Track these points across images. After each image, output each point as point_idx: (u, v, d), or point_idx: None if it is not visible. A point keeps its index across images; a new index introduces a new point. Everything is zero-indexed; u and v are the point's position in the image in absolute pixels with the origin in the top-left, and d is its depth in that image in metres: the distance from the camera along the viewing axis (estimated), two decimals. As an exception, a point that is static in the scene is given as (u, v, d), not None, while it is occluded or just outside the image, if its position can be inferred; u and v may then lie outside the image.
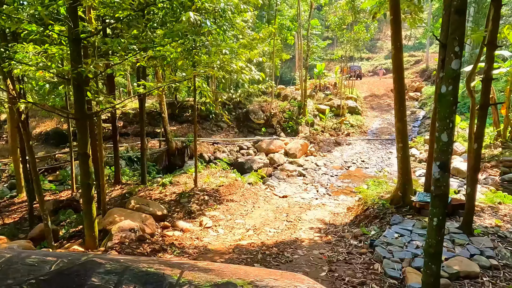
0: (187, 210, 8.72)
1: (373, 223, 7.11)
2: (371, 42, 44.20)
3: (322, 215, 8.98)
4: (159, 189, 10.26)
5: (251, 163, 15.24)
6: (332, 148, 17.77)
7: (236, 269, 2.14)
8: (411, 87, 28.86)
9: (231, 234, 7.18)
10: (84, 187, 5.33)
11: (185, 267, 2.05)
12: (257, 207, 9.41)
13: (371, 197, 8.20)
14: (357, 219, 7.83)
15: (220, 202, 9.48)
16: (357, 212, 8.43)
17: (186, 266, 2.13)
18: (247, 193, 10.55)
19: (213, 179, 11.08)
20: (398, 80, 7.29)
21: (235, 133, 20.07)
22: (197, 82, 10.61)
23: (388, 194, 8.22)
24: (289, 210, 9.26)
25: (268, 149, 17.10)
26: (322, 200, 10.89)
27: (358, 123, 21.00)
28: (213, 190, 10.08)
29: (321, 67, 26.45)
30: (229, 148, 18.18)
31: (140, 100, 11.85)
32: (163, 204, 9.18)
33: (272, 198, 10.70)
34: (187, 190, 9.99)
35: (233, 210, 8.97)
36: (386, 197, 8.07)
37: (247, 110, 20.31)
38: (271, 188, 11.99)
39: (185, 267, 2.05)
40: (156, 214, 7.91)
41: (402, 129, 7.41)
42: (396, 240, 5.87)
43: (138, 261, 2.16)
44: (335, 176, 14.09)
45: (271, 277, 1.93)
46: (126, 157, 17.20)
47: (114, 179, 12.34)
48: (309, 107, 20.94)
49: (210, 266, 2.27)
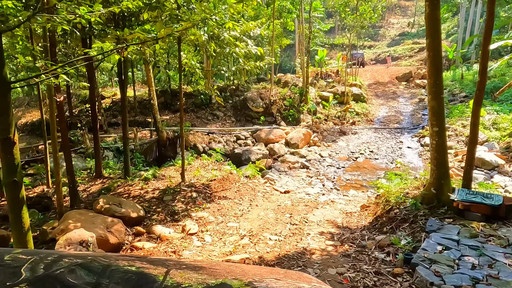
0: (170, 211, 7.10)
1: (401, 229, 5.50)
2: (373, 29, 42.28)
3: (333, 215, 7.37)
4: (140, 184, 8.64)
5: (249, 154, 13.61)
6: (337, 138, 16.12)
7: (231, 267, 1.83)
8: (417, 74, 27.11)
9: (220, 244, 5.56)
10: (9, 186, 3.73)
11: (171, 265, 1.69)
12: (254, 206, 7.79)
13: (394, 194, 6.57)
14: (378, 222, 6.22)
15: (210, 199, 7.86)
16: (375, 212, 6.82)
17: (172, 264, 1.75)
18: (243, 189, 8.93)
19: (204, 172, 9.45)
20: (434, 47, 5.60)
21: (232, 122, 18.39)
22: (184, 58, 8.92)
23: (415, 190, 6.59)
24: (293, 209, 7.64)
25: (267, 138, 15.45)
26: (330, 196, 9.28)
27: (364, 111, 19.31)
28: (203, 186, 8.45)
29: (322, 54, 24.64)
30: (226, 138, 16.54)
31: (120, 84, 10.16)
32: (142, 202, 7.57)
33: (273, 194, 9.08)
34: (173, 186, 8.37)
35: (226, 210, 7.35)
36: (413, 194, 6.45)
37: (245, 97, 18.60)
38: (271, 182, 10.37)
39: (170, 265, 1.69)
40: (130, 217, 6.29)
41: (438, 109, 5.74)
42: (441, 256, 4.25)
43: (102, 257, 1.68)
44: (342, 168, 12.47)
45: (272, 277, 1.69)
46: (114, 148, 15.57)
47: (95, 173, 10.72)
48: (311, 95, 19.23)
49: (200, 263, 1.88)
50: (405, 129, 16.97)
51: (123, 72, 9.91)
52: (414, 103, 21.25)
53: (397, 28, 42.89)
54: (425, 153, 13.31)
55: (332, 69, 27.60)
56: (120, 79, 10.18)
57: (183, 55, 9.13)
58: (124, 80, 9.93)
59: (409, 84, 25.97)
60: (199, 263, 1.97)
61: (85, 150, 14.66)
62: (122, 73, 9.95)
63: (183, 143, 8.69)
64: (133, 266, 1.61)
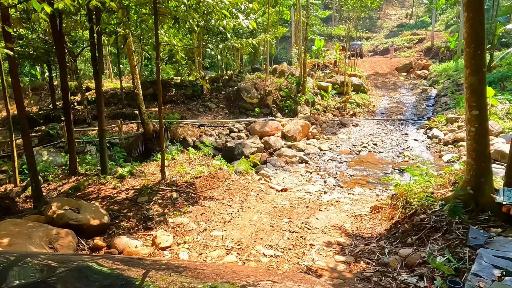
0: (143, 216, 5.78)
1: (433, 240, 4.22)
2: (371, 21, 40.90)
3: (339, 218, 6.09)
4: (114, 182, 7.29)
5: (242, 148, 12.29)
6: (337, 130, 14.83)
7: (220, 268, 1.66)
8: (418, 65, 25.85)
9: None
10: None
11: (148, 266, 1.50)
12: (246, 208, 6.48)
13: (416, 195, 5.29)
14: (398, 229, 4.94)
15: (194, 201, 6.54)
16: (391, 215, 5.54)
17: (149, 264, 1.57)
18: (234, 187, 7.62)
19: (190, 168, 8.11)
20: (476, 4, 4.27)
21: (225, 114, 17.03)
22: (162, 34, 7.55)
23: (441, 189, 5.31)
24: (292, 211, 6.34)
25: (262, 131, 14.13)
26: (334, 195, 8.00)
27: (365, 102, 18.02)
28: (187, 184, 7.13)
29: (320, 44, 23.25)
30: (218, 131, 15.20)
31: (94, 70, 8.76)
32: (112, 205, 6.24)
33: (268, 192, 7.78)
34: (151, 184, 7.04)
35: (211, 214, 6.04)
36: (440, 194, 5.17)
37: (238, 87, 17.22)
38: (266, 178, 9.07)
39: (148, 266, 1.50)
40: (89, 225, 4.96)
41: (479, 87, 4.44)
42: (504, 287, 2.97)
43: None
44: (344, 162, 11.19)
45: (269, 279, 1.46)
46: (97, 143, 14.17)
47: (69, 169, 9.36)
48: (309, 85, 17.89)
49: (182, 263, 1.72)
50: (409, 120, 15.72)
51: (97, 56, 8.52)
52: (417, 93, 19.99)
53: (395, 19, 41.51)
54: (434, 145, 12.07)
55: (330, 60, 26.24)
56: (93, 63, 8.80)
57: (162, 32, 7.75)
58: (97, 63, 8.53)
59: (410, 75, 24.71)
60: (181, 263, 1.78)
61: (64, 145, 13.31)
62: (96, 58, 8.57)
63: (162, 135, 7.34)
64: (105, 267, 1.34)
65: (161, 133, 7.31)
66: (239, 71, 19.45)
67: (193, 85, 18.51)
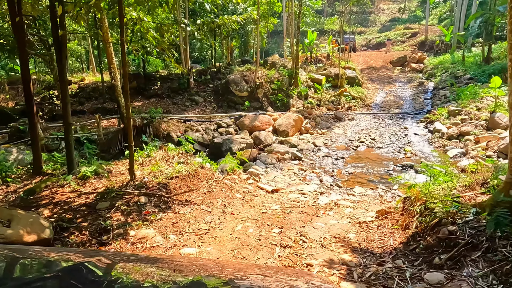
0: (99, 227, 4.59)
1: (470, 261, 3.12)
2: (363, 15, 39.93)
3: (341, 226, 4.99)
4: (73, 184, 6.08)
5: (230, 143, 11.13)
6: (332, 124, 13.75)
7: (201, 261, 1.66)
8: (413, 58, 24.93)
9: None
10: None
11: (118, 258, 1.36)
12: (229, 215, 5.33)
13: (437, 199, 4.20)
14: (418, 243, 3.85)
15: (166, 206, 5.37)
16: (406, 223, 4.45)
17: (124, 257, 1.43)
18: (216, 188, 6.46)
19: (165, 166, 6.93)
20: None
21: (212, 109, 15.82)
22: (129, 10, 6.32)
23: (470, 191, 4.23)
24: (284, 218, 5.22)
25: (252, 126, 12.98)
26: (332, 196, 6.90)
27: (360, 95, 16.97)
28: (159, 186, 5.95)
29: (312, 37, 22.12)
30: (205, 126, 14.01)
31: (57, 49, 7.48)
32: (65, 213, 5.04)
33: (256, 194, 6.65)
34: (116, 187, 5.85)
35: (185, 223, 4.88)
36: (468, 198, 4.09)
37: (227, 80, 16.01)
38: (254, 177, 7.94)
39: (117, 258, 1.35)
40: (22, 242, 3.77)
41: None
42: None
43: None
44: (341, 159, 10.11)
45: (259, 272, 1.36)
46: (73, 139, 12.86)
47: (34, 169, 8.10)
48: (301, 77, 16.76)
49: (156, 256, 1.72)
50: (407, 114, 14.71)
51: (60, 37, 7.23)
52: (413, 87, 19.02)
53: (388, 14, 40.59)
54: (437, 140, 11.07)
55: (323, 54, 25.16)
56: (55, 45, 7.50)
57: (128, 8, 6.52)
58: (61, 46, 7.25)
59: (405, 69, 23.78)
60: (156, 256, 1.77)
61: (37, 141, 12.00)
62: (58, 37, 7.28)
63: (130, 127, 6.13)
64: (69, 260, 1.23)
65: (129, 125, 6.11)
66: (228, 63, 18.25)
67: (179, 78, 17.27)
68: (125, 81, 5.94)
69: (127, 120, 6.12)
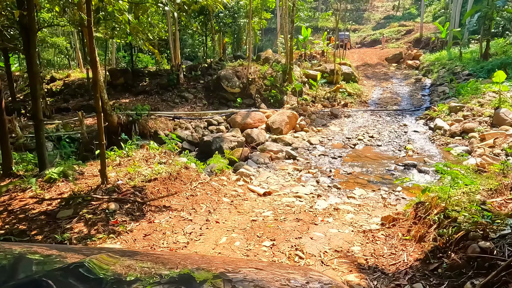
0: (55, 241, 3.80)
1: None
2: (357, 13, 39.32)
3: (343, 237, 4.25)
4: (35, 188, 5.26)
5: (221, 142, 10.38)
6: (328, 122, 13.04)
7: (184, 255, 1.48)
8: (408, 55, 24.35)
9: None
10: None
11: (95, 252, 1.28)
12: (213, 223, 4.57)
13: (459, 206, 3.48)
14: (440, 261, 3.12)
15: (139, 214, 4.58)
16: (420, 234, 3.73)
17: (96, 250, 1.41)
18: (201, 192, 5.69)
19: (145, 167, 6.13)
20: None
21: (203, 106, 15.03)
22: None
23: (499, 197, 3.52)
24: (277, 227, 4.47)
25: (244, 123, 12.23)
26: (330, 199, 6.18)
27: (357, 92, 16.29)
28: (134, 190, 5.16)
29: (306, 33, 21.37)
30: (195, 124, 13.23)
31: (25, 41, 6.66)
32: (19, 223, 4.25)
33: (246, 198, 5.89)
34: (85, 191, 5.05)
35: (160, 235, 4.10)
36: (497, 205, 3.37)
37: (218, 76, 15.22)
38: (245, 179, 7.18)
39: (95, 252, 1.28)
40: None
41: None
42: None
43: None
44: (338, 158, 9.39)
45: (252, 265, 1.30)
46: (54, 138, 12.09)
47: (3, 170, 7.24)
48: (296, 73, 16.02)
49: (137, 251, 1.50)
50: (406, 111, 14.05)
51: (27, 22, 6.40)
52: (410, 83, 18.40)
53: (382, 11, 40.03)
54: (439, 137, 10.41)
55: (317, 50, 24.47)
56: (22, 29, 6.67)
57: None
58: (29, 27, 6.41)
59: (400, 65, 23.19)
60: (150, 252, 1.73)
61: (15, 140, 11.17)
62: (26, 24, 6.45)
63: (100, 123, 5.32)
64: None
65: (99, 121, 5.30)
66: (219, 59, 17.44)
67: (169, 74, 16.44)
68: (94, 70, 5.14)
69: (98, 114, 5.32)
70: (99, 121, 5.28)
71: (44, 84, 19.36)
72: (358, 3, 38.78)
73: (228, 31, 20.77)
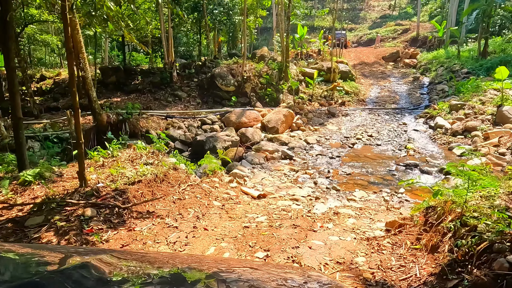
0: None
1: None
2: (354, 12, 39.01)
3: (345, 245, 3.81)
4: (5, 192, 4.76)
5: (214, 141, 9.91)
6: (325, 120, 12.62)
7: (172, 255, 1.54)
8: (405, 54, 24.04)
9: None
10: None
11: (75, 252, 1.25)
12: (201, 230, 4.11)
13: (479, 212, 3.04)
14: (460, 277, 2.68)
15: (119, 221, 4.11)
16: (433, 243, 3.29)
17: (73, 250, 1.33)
18: (190, 195, 5.23)
19: (130, 168, 5.65)
20: None
21: (197, 104, 14.55)
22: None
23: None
24: (271, 234, 4.01)
25: (239, 122, 11.78)
26: (329, 202, 5.74)
27: (354, 90, 15.88)
28: (116, 193, 4.67)
29: (303, 32, 20.94)
30: (188, 123, 12.76)
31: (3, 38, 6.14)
32: (-19, 232, 3.73)
33: (239, 201, 5.43)
34: (61, 195, 4.56)
35: (139, 245, 3.64)
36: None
37: (213, 74, 14.75)
38: (239, 180, 6.72)
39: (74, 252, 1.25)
40: None
41: None
42: None
43: None
44: (336, 158, 8.96)
45: (246, 265, 1.24)
46: (42, 137, 11.59)
47: (-20, 171, 6.70)
48: (292, 71, 15.59)
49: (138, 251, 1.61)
50: (404, 109, 13.67)
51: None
52: (408, 82, 18.05)
53: (378, 10, 39.74)
54: (440, 136, 10.01)
55: (313, 49, 24.06)
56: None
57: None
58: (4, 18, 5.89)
59: (398, 64, 22.86)
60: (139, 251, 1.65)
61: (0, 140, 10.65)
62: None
63: (78, 122, 4.83)
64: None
65: (77, 118, 4.80)
66: (214, 57, 16.97)
67: (162, 72, 15.94)
68: (69, 61, 4.64)
69: (75, 110, 4.82)
70: (76, 118, 4.79)
71: (33, 83, 18.79)
72: (354, 3, 38.52)
73: (223, 29, 20.30)
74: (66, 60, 5.44)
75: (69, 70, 4.66)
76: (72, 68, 4.66)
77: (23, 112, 15.83)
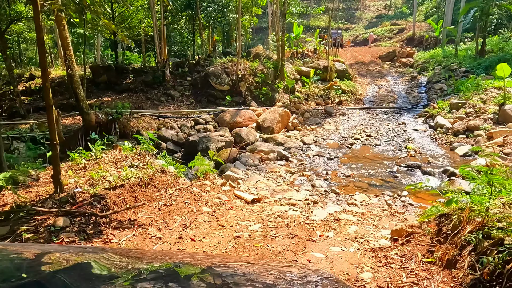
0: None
1: None
2: (349, 12, 38.73)
3: (348, 258, 3.39)
4: (-29, 199, 4.28)
5: (207, 142, 9.45)
6: (322, 120, 12.21)
7: (178, 253, 1.48)
8: (402, 53, 23.73)
9: None
10: None
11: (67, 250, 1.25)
12: (188, 241, 3.66)
13: (506, 222, 2.62)
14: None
15: (94, 231, 3.65)
16: (449, 257, 2.88)
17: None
18: (178, 200, 4.77)
19: (114, 171, 5.18)
20: None
21: (190, 104, 14.07)
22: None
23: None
24: (265, 246, 3.58)
25: (233, 122, 11.33)
26: (329, 207, 5.32)
27: (351, 89, 15.50)
28: (94, 199, 4.20)
29: (298, 31, 20.57)
30: (181, 123, 12.28)
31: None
32: None
33: (231, 206, 4.98)
34: (32, 201, 4.09)
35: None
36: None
37: (206, 72, 14.29)
38: (232, 183, 6.28)
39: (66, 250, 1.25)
40: None
41: None
42: None
43: None
44: (334, 158, 8.54)
45: (241, 260, 1.28)
46: (28, 138, 11.10)
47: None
48: (288, 70, 15.18)
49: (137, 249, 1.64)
50: (403, 109, 13.31)
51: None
52: (405, 81, 17.72)
53: (374, 10, 39.50)
54: (441, 136, 9.65)
55: (309, 49, 23.71)
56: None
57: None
58: None
59: (394, 63, 22.56)
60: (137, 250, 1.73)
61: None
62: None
63: (52, 120, 4.37)
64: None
65: (50, 117, 4.34)
66: (208, 55, 16.51)
67: (154, 71, 15.45)
68: (41, 53, 4.18)
69: (49, 108, 4.35)
70: (49, 116, 4.32)
71: (22, 82, 18.22)
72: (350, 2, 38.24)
73: (218, 28, 19.85)
74: (38, 51, 4.95)
75: (41, 64, 4.19)
76: (44, 61, 4.19)
77: (14, 112, 15.25)
